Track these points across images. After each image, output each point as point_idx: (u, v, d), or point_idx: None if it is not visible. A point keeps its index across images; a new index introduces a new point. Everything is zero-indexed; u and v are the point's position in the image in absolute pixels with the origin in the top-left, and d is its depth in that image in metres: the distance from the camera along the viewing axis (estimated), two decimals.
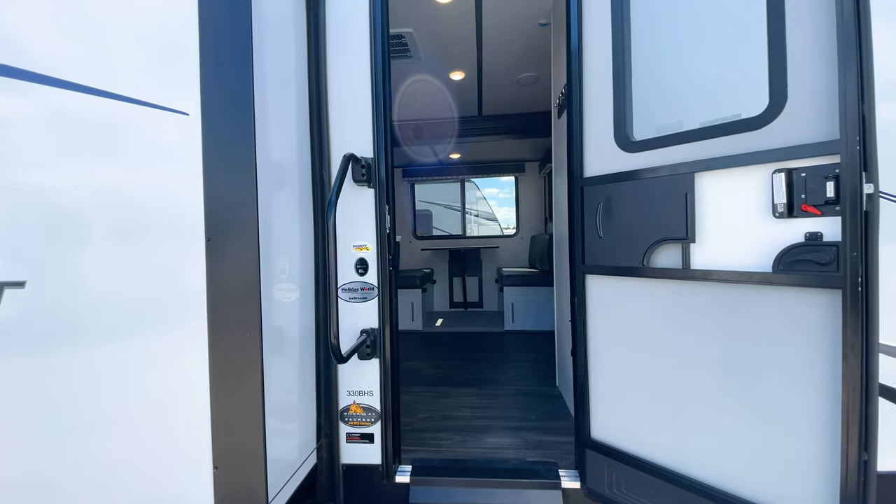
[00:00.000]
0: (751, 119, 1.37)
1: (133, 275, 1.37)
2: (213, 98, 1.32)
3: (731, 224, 1.40)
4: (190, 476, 1.36)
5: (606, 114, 1.73)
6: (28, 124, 1.37)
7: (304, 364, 1.92)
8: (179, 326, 1.36)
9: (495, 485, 1.97)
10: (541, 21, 3.36)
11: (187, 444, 1.36)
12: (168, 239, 1.35)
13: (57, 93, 1.33)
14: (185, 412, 1.36)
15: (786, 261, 1.29)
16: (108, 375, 1.40)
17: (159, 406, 1.38)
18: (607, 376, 1.79)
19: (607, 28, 1.73)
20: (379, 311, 1.99)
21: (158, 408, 1.38)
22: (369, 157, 1.96)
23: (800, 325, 1.29)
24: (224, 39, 1.32)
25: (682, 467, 1.57)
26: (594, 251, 1.77)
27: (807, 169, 1.25)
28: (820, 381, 1.28)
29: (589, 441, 1.85)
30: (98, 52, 1.35)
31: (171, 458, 1.38)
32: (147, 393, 1.39)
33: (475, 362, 3.95)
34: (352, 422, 2.02)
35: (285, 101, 1.78)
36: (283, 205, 1.74)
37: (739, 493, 1.44)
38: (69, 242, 1.38)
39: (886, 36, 1.61)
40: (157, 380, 1.38)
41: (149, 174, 1.35)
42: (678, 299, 1.54)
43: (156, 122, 1.33)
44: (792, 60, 1.29)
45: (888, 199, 1.64)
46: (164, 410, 1.38)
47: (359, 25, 1.97)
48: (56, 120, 1.36)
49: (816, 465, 1.30)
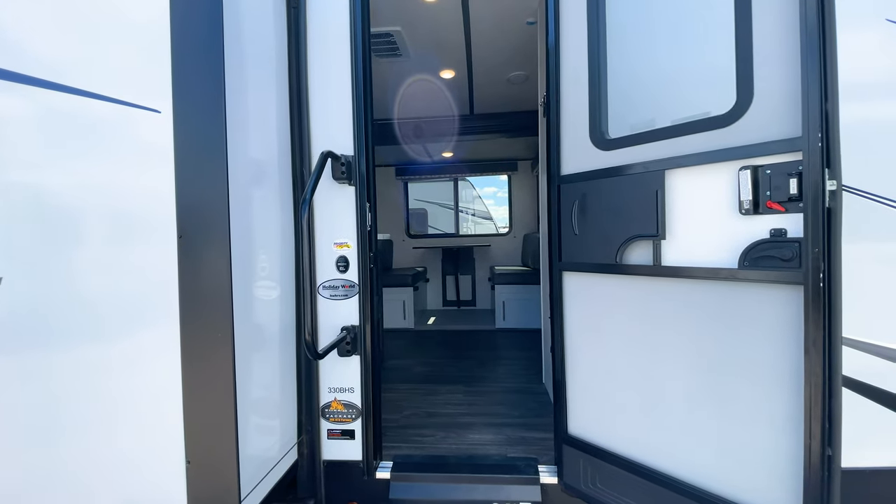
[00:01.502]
0: (719, 117, 1.38)
1: (106, 271, 1.38)
2: (185, 96, 1.33)
3: (700, 221, 1.42)
4: (164, 470, 1.37)
5: (582, 112, 1.74)
6: (9, 124, 1.38)
7: (285, 361, 1.93)
8: (152, 323, 1.37)
9: (475, 480, 1.98)
10: (528, 20, 3.37)
11: (161, 439, 1.38)
12: (140, 236, 1.36)
13: (30, 90, 1.34)
14: (158, 408, 1.38)
15: (751, 257, 1.30)
16: (82, 372, 1.41)
17: (133, 402, 1.39)
18: (583, 372, 1.81)
19: (583, 27, 1.74)
20: (360, 309, 2.01)
21: (132, 404, 1.39)
22: (349, 155, 1.97)
23: (765, 321, 1.31)
24: (195, 39, 1.33)
25: (654, 462, 1.59)
26: (570, 248, 1.78)
27: (771, 166, 1.27)
28: (785, 376, 1.29)
29: (566, 437, 1.87)
30: (71, 51, 1.36)
31: (146, 452, 1.40)
32: (121, 389, 1.40)
33: (464, 360, 3.96)
34: (333, 418, 2.04)
35: (265, 98, 1.79)
36: (262, 202, 1.75)
37: (709, 488, 1.46)
38: (44, 239, 1.39)
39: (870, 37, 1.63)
40: (131, 376, 1.39)
41: (121, 171, 1.36)
42: (650, 296, 1.55)
43: (128, 119, 1.34)
44: (758, 59, 1.30)
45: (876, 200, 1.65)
46: (137, 406, 1.39)
47: (339, 23, 1.98)
48: (28, 117, 1.36)
49: (782, 460, 1.31)
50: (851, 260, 1.46)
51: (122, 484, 1.41)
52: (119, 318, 1.39)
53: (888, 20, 1.69)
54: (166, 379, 1.36)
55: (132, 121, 1.34)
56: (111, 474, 1.41)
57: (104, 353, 1.40)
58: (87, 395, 1.42)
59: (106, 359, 1.40)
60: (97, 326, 1.40)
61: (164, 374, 1.36)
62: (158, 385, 1.37)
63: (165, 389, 1.37)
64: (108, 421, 1.41)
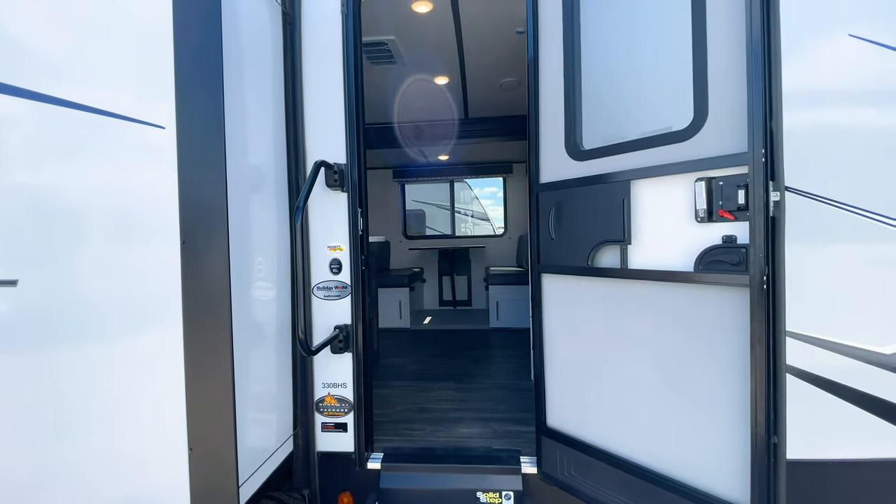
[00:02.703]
0: (678, 132, 1.50)
1: (113, 275, 1.51)
2: (187, 113, 1.45)
3: (661, 227, 1.54)
4: (168, 457, 1.50)
5: (559, 124, 1.86)
6: (25, 136, 1.51)
7: (281, 358, 2.06)
8: (157, 322, 1.49)
9: (461, 471, 2.10)
10: (517, 29, 3.49)
11: (165, 429, 1.50)
12: (147, 242, 1.49)
13: (56, 109, 1.48)
14: (162, 400, 1.50)
15: (705, 261, 1.42)
16: (91, 369, 1.54)
17: (139, 395, 1.52)
18: (560, 368, 1.93)
19: (559, 43, 1.86)
20: (352, 308, 2.13)
21: (138, 397, 1.52)
22: (342, 163, 2.09)
23: (717, 320, 1.43)
24: (196, 60, 1.45)
25: (623, 452, 1.71)
26: (548, 252, 1.90)
27: (723, 178, 1.39)
28: (736, 370, 1.41)
29: (545, 429, 1.99)
30: (83, 71, 1.49)
31: (151, 441, 1.52)
32: (128, 383, 1.52)
33: (457, 358, 4.08)
34: (326, 412, 2.16)
35: (261, 109, 1.91)
36: (259, 208, 1.87)
37: (671, 474, 1.58)
38: (60, 245, 1.52)
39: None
40: (137, 371, 1.51)
41: (128, 182, 1.49)
42: (619, 297, 1.67)
43: (135, 134, 1.47)
44: (712, 79, 1.42)
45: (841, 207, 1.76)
46: (143, 399, 1.52)
47: (332, 38, 2.10)
48: (49, 132, 1.50)
49: (734, 448, 1.43)
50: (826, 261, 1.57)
51: (130, 469, 1.53)
52: (126, 318, 1.52)
53: (850, 35, 1.81)
54: (170, 374, 1.49)
55: (140, 136, 1.46)
56: (120, 461, 1.54)
57: (112, 350, 1.53)
58: (96, 390, 1.54)
59: (114, 356, 1.53)
60: (106, 326, 1.53)
61: (168, 369, 1.48)
62: (163, 379, 1.49)
63: (169, 383, 1.49)
64: (116, 414, 1.54)
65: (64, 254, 1.53)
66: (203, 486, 1.49)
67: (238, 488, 1.50)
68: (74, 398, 1.55)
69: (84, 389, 1.54)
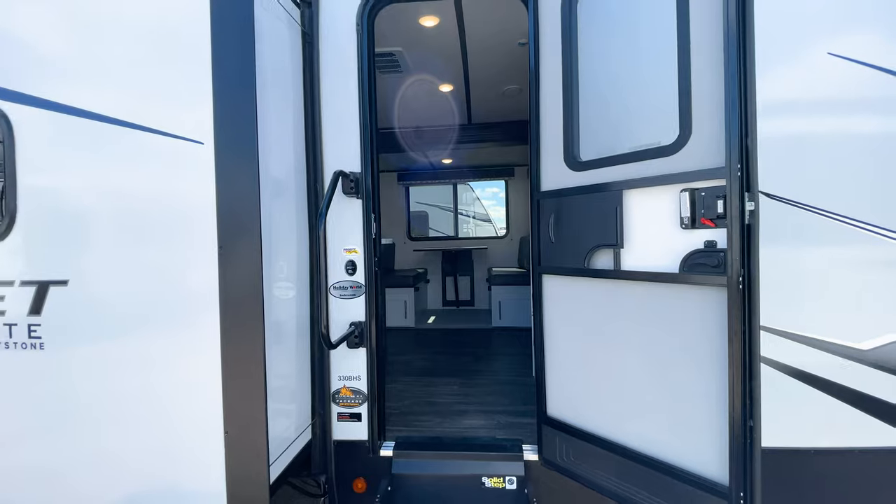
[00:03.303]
0: (666, 146, 1.66)
1: (158, 276, 1.68)
2: (224, 130, 1.62)
3: (650, 233, 1.70)
4: (207, 438, 1.67)
5: (558, 136, 2.02)
6: (81, 151, 1.71)
7: (301, 352, 2.22)
8: (197, 320, 1.66)
9: (467, 457, 2.26)
10: (519, 41, 3.65)
11: (204, 414, 1.67)
12: (188, 246, 1.66)
13: (104, 126, 1.67)
14: (202, 389, 1.67)
15: (688, 263, 1.58)
16: (137, 362, 1.71)
17: (180, 384, 1.69)
18: (560, 361, 2.09)
19: (558, 61, 2.01)
20: (366, 306, 2.29)
21: (180, 386, 1.69)
22: (357, 172, 2.26)
23: (700, 316, 1.59)
24: (232, 83, 1.62)
25: (617, 437, 1.87)
26: (548, 254, 2.07)
27: (705, 189, 1.55)
28: (717, 361, 1.57)
29: (545, 418, 2.15)
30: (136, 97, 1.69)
31: (192, 424, 1.69)
32: (171, 374, 1.69)
33: (462, 356, 4.24)
34: (342, 403, 2.32)
35: (284, 124, 2.08)
36: (281, 215, 2.04)
37: (662, 458, 1.74)
38: (106, 249, 1.70)
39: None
40: (180, 363, 1.69)
41: (172, 192, 1.67)
42: (612, 295, 1.84)
43: (177, 149, 1.64)
44: (695, 101, 1.59)
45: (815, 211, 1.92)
46: (184, 388, 1.69)
47: (348, 56, 2.26)
48: (101, 147, 1.69)
49: (716, 432, 1.59)
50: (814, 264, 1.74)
51: (172, 450, 1.70)
52: (168, 315, 1.69)
53: (829, 53, 1.97)
54: (208, 365, 1.65)
55: (182, 151, 1.64)
56: (164, 442, 1.71)
57: (155, 344, 1.70)
58: (141, 380, 1.72)
59: (157, 349, 1.70)
60: (150, 322, 1.70)
61: (206, 361, 1.65)
62: (201, 370, 1.66)
63: (207, 373, 1.66)
64: (160, 401, 1.71)
65: (110, 257, 1.71)
66: (236, 464, 1.65)
67: (269, 467, 1.66)
68: (121, 388, 1.72)
69: (129, 380, 1.72)
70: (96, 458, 1.75)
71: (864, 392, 1.95)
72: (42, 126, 1.72)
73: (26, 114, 1.73)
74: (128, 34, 1.69)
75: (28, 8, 1.74)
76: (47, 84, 1.72)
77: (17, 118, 1.74)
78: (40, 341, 1.75)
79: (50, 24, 1.73)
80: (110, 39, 1.69)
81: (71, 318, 1.73)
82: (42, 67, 1.74)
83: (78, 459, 1.76)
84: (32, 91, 1.72)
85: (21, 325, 1.76)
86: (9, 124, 1.74)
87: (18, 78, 1.74)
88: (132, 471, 1.73)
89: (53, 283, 1.73)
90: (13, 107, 1.74)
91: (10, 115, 1.74)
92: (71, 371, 1.73)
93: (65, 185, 1.73)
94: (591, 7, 1.90)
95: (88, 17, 1.71)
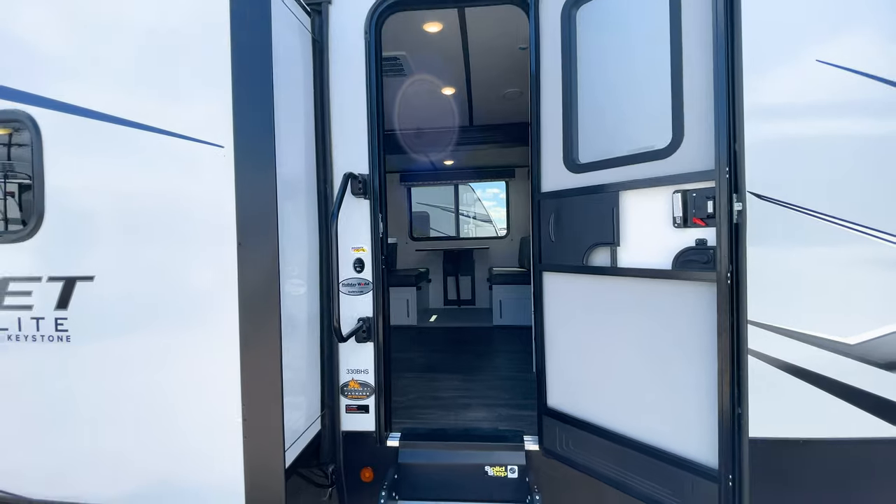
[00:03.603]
0: (660, 150, 1.76)
1: (179, 271, 1.78)
2: (242, 135, 1.72)
3: (645, 232, 1.80)
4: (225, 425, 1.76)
5: (558, 140, 2.12)
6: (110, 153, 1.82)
7: (311, 347, 2.32)
8: (217, 312, 1.76)
9: (471, 448, 2.36)
10: (520, 45, 3.75)
11: (224, 403, 1.76)
12: (208, 244, 1.76)
13: (132, 131, 1.77)
14: (221, 378, 1.76)
15: (680, 260, 1.68)
16: (160, 352, 1.81)
17: (201, 374, 1.79)
18: (559, 354, 2.19)
19: (558, 67, 2.11)
20: (373, 303, 2.39)
21: (200, 375, 1.79)
22: (365, 174, 2.36)
23: (692, 310, 1.69)
24: (250, 91, 1.71)
25: (613, 426, 1.96)
26: (548, 252, 2.17)
27: (696, 190, 1.65)
28: (707, 353, 1.66)
29: (545, 409, 2.25)
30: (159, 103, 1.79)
31: (212, 412, 1.79)
32: (192, 364, 1.79)
33: (463, 353, 4.34)
34: (350, 395, 2.42)
35: (295, 128, 2.18)
36: (292, 214, 2.13)
37: (656, 444, 1.83)
38: (130, 246, 1.80)
39: None
40: (200, 354, 1.79)
41: (194, 193, 1.77)
42: (609, 291, 1.93)
43: (199, 152, 1.74)
44: (687, 108, 1.68)
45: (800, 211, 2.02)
46: (205, 377, 1.79)
47: (356, 63, 2.36)
48: (127, 150, 1.80)
49: (706, 419, 1.69)
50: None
51: (194, 436, 1.80)
52: (189, 308, 1.79)
53: (818, 61, 2.07)
54: (227, 355, 1.75)
55: (204, 154, 1.74)
56: (187, 428, 1.81)
57: (177, 336, 1.80)
58: (164, 370, 1.82)
59: (178, 341, 1.80)
60: (171, 315, 1.80)
61: (226, 351, 1.75)
62: (221, 360, 1.76)
63: (226, 363, 1.75)
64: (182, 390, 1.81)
65: (134, 254, 1.81)
66: (254, 449, 1.75)
67: (284, 451, 1.76)
68: (144, 377, 1.82)
69: (151, 369, 1.81)
70: (122, 444, 1.85)
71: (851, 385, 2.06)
72: (71, 130, 1.82)
73: (55, 119, 1.83)
74: (152, 46, 1.79)
75: (57, 21, 1.84)
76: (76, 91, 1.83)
77: (44, 122, 1.84)
78: (67, 334, 1.84)
79: (80, 36, 1.83)
80: (136, 52, 1.80)
81: (97, 312, 1.82)
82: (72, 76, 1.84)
83: (104, 445, 1.86)
84: (61, 97, 1.82)
85: (48, 318, 1.86)
86: (37, 128, 1.84)
87: (46, 84, 1.84)
88: (158, 452, 1.83)
89: (80, 278, 1.82)
90: (41, 111, 1.84)
91: (39, 120, 1.84)
92: (97, 362, 1.83)
93: (91, 185, 1.83)
94: (589, 17, 2.00)
95: (118, 31, 1.81)
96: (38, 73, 1.86)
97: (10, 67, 1.86)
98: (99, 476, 1.89)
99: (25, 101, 1.84)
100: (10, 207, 2.02)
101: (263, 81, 1.70)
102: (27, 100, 1.84)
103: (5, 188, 2.03)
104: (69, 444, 1.88)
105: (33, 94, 1.84)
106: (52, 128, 1.84)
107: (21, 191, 1.99)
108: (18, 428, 1.92)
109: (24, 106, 1.84)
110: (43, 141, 1.84)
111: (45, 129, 1.84)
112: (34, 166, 1.84)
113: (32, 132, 1.84)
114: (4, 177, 2.02)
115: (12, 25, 1.86)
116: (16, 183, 2.00)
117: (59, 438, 1.89)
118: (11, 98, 1.85)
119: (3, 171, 2.02)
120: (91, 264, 1.82)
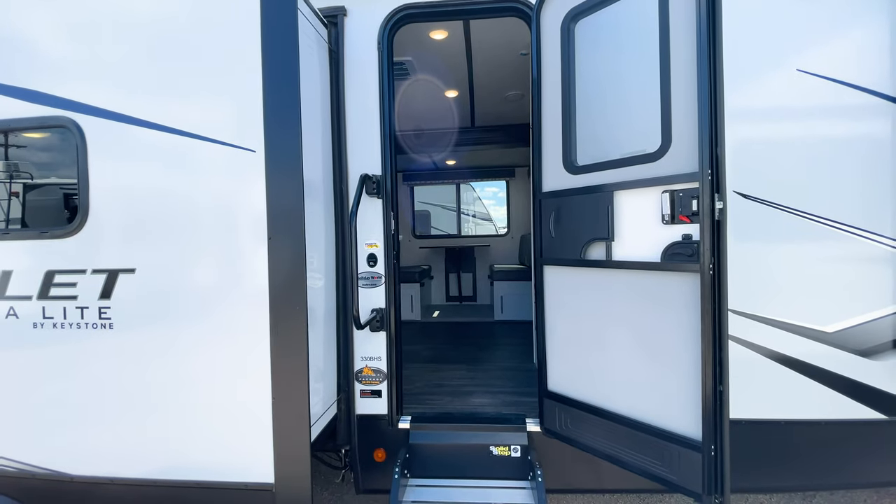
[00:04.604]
0: (650, 154, 1.94)
1: (217, 264, 1.96)
2: (272, 139, 1.90)
3: (637, 228, 1.98)
4: (257, 403, 1.94)
5: (557, 143, 2.30)
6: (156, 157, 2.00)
7: (328, 336, 2.50)
8: (250, 302, 1.94)
9: (476, 429, 2.55)
10: (521, 52, 3.93)
11: (256, 383, 1.94)
12: (240, 239, 1.94)
13: (170, 136, 1.96)
14: (253, 361, 1.94)
15: (668, 253, 1.86)
16: (197, 340, 1.99)
17: (236, 358, 1.97)
18: (558, 341, 2.37)
19: (557, 75, 2.29)
20: (386, 295, 2.57)
21: (236, 359, 1.97)
22: (378, 175, 2.53)
23: (678, 298, 1.87)
24: (279, 100, 1.89)
25: (609, 406, 2.15)
26: (548, 247, 2.35)
27: (682, 190, 1.83)
28: (692, 337, 1.84)
29: (546, 392, 2.43)
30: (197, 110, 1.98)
31: (245, 391, 1.97)
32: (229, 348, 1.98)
33: (466, 346, 4.53)
34: (364, 381, 2.60)
35: (314, 131, 2.35)
36: (311, 213, 2.31)
37: (647, 420, 2.01)
38: (169, 241, 1.98)
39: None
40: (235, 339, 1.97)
41: (229, 192, 1.95)
42: (605, 282, 2.12)
43: (234, 156, 1.92)
44: (675, 115, 1.86)
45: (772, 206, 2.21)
46: (239, 361, 1.97)
47: (369, 71, 2.54)
48: (172, 154, 1.99)
49: (691, 397, 1.87)
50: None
51: (229, 412, 1.99)
52: (225, 298, 1.97)
53: (798, 70, 2.25)
54: (259, 340, 1.93)
55: (238, 157, 1.92)
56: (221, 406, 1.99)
57: (213, 323, 1.98)
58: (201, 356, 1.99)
59: (214, 328, 1.98)
60: (209, 304, 1.98)
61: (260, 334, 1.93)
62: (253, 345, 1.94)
63: (258, 348, 1.93)
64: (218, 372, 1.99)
65: (172, 248, 1.99)
66: (282, 425, 1.93)
67: (310, 427, 1.94)
68: (181, 361, 2.00)
69: (188, 355, 2.00)
70: (162, 421, 2.03)
71: (829, 370, 2.26)
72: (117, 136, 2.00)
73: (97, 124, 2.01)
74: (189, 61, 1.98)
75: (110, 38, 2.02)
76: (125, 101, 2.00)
77: (88, 128, 2.01)
78: (110, 322, 2.02)
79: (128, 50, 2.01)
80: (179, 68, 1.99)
81: (138, 302, 2.00)
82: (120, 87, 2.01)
83: (144, 423, 2.04)
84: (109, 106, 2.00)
85: (92, 307, 2.03)
86: (82, 134, 2.01)
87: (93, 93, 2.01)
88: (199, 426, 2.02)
89: (123, 271, 2.00)
90: (86, 118, 2.01)
91: (84, 126, 2.01)
92: (139, 347, 2.01)
93: (134, 185, 2.00)
94: (586, 31, 2.18)
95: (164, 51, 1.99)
96: (83, 81, 2.03)
97: (58, 77, 2.03)
98: (137, 452, 2.07)
99: (72, 108, 2.01)
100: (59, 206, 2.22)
101: (291, 92, 1.88)
102: (73, 107, 2.01)
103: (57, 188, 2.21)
104: (112, 422, 2.06)
105: (79, 101, 2.01)
106: (95, 133, 2.01)
107: (66, 191, 2.18)
108: (62, 409, 2.10)
109: (71, 113, 2.01)
110: (88, 145, 2.01)
111: (90, 134, 2.01)
112: (79, 168, 2.01)
113: (77, 137, 2.01)
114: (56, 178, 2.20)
115: (62, 39, 2.04)
116: (60, 183, 2.18)
117: (102, 418, 2.07)
118: (59, 105, 2.02)
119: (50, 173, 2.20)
120: (133, 258, 2.00)
